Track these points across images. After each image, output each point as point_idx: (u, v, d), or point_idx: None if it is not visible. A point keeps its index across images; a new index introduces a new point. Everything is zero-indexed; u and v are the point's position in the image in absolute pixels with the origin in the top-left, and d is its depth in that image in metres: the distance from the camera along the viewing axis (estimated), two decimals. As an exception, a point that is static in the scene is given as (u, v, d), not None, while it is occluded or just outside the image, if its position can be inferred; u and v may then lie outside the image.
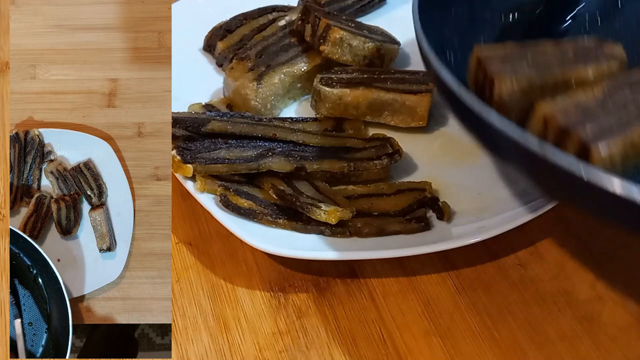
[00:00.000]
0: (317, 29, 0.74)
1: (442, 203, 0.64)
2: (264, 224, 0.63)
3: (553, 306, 0.60)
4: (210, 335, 0.59)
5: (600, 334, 0.58)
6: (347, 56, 0.74)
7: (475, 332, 0.59)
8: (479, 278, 0.62)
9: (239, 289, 0.62)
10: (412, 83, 0.71)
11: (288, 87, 0.74)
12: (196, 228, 0.67)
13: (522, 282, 0.62)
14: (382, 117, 0.71)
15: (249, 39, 0.79)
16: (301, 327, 0.60)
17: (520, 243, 0.64)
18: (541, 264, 0.63)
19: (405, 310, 0.60)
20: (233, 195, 0.63)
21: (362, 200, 0.65)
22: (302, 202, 0.62)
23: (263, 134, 0.68)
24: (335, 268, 0.63)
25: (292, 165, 0.65)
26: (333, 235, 0.62)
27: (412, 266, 0.63)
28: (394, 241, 0.62)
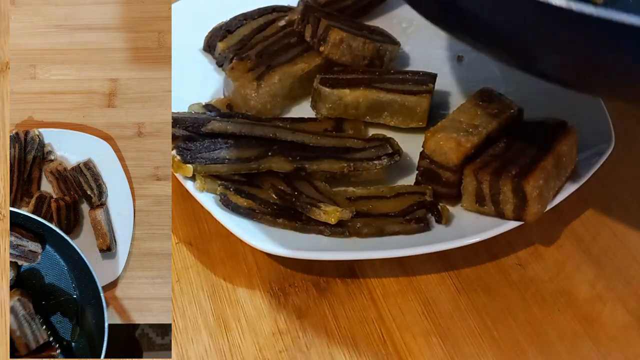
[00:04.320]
0: (317, 30, 0.74)
1: (442, 207, 0.64)
2: (264, 224, 0.63)
3: (553, 306, 0.60)
4: (210, 335, 0.59)
5: (600, 334, 0.58)
6: (347, 57, 0.74)
7: (475, 332, 0.59)
8: (479, 278, 0.62)
9: (239, 289, 0.62)
10: (412, 83, 0.71)
11: (288, 87, 0.74)
12: (196, 228, 0.67)
13: (522, 282, 0.62)
14: (382, 117, 0.71)
15: (249, 39, 0.79)
16: (301, 327, 0.60)
17: (520, 243, 0.64)
18: (541, 264, 0.63)
19: (405, 310, 0.60)
20: (233, 195, 0.63)
21: (362, 202, 0.65)
22: (301, 202, 0.62)
23: (263, 134, 0.68)
24: (335, 268, 0.63)
25: (292, 165, 0.65)
26: (333, 235, 0.62)
27: (412, 266, 0.63)
28: (393, 241, 0.62)
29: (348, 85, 0.70)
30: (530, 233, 0.64)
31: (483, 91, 0.69)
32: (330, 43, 0.73)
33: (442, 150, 0.63)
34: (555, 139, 0.63)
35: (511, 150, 0.63)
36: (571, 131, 0.65)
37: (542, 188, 0.60)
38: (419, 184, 0.66)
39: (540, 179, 0.59)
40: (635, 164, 0.71)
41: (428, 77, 0.72)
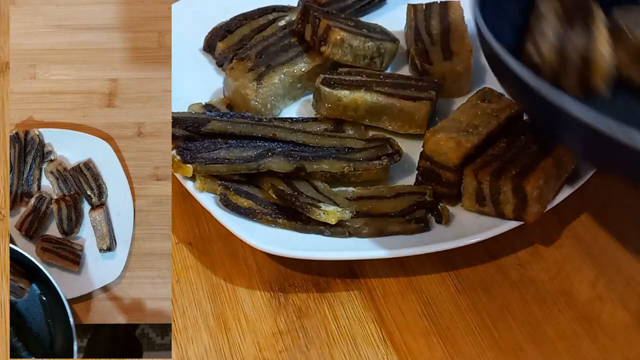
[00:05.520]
0: (317, 30, 0.74)
1: (442, 207, 0.64)
2: (264, 224, 0.63)
3: (553, 306, 0.60)
4: (210, 335, 0.59)
5: (600, 334, 0.58)
6: (348, 56, 0.74)
7: (475, 332, 0.59)
8: (479, 278, 0.62)
9: (239, 289, 0.62)
10: (415, 89, 0.71)
11: (288, 87, 0.74)
12: (196, 228, 0.67)
13: (522, 282, 0.62)
14: (381, 121, 0.71)
15: (249, 39, 0.79)
16: (301, 327, 0.60)
17: (520, 243, 0.64)
18: (541, 264, 0.63)
19: (405, 310, 0.60)
20: (233, 195, 0.63)
21: (362, 202, 0.65)
22: (301, 202, 0.62)
23: (263, 134, 0.68)
24: (335, 268, 0.63)
25: (292, 165, 0.65)
26: (333, 235, 0.62)
27: (412, 266, 0.63)
28: (394, 241, 0.62)
29: (349, 87, 0.70)
30: (530, 233, 0.64)
31: (483, 91, 0.69)
32: (331, 43, 0.73)
33: (442, 151, 0.62)
34: None
35: (511, 150, 0.63)
36: None
37: (542, 188, 0.60)
38: (419, 184, 0.66)
39: (540, 179, 0.59)
40: (635, 164, 0.71)
41: (431, 84, 0.72)
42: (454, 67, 0.74)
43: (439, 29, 0.78)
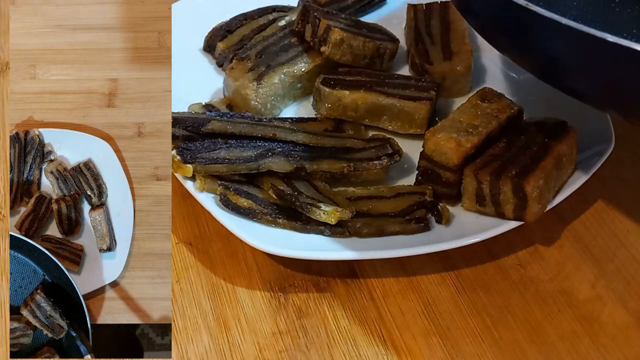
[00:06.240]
0: (317, 30, 0.74)
1: (442, 207, 0.64)
2: (264, 224, 0.63)
3: (553, 306, 0.60)
4: (210, 335, 0.59)
5: (600, 334, 0.58)
6: (348, 56, 0.74)
7: (475, 332, 0.59)
8: (479, 278, 0.62)
9: (239, 289, 0.62)
10: (414, 89, 0.71)
11: (288, 87, 0.74)
12: (196, 228, 0.67)
13: (522, 282, 0.62)
14: (381, 121, 0.71)
15: (249, 39, 0.79)
16: (301, 327, 0.60)
17: (520, 243, 0.64)
18: (541, 264, 0.63)
19: (405, 310, 0.60)
20: (233, 195, 0.63)
21: (362, 202, 0.65)
22: (301, 202, 0.62)
23: (263, 134, 0.68)
24: (335, 268, 0.63)
25: (292, 165, 0.65)
26: (333, 235, 0.62)
27: (412, 266, 0.63)
28: (394, 241, 0.62)
29: (349, 87, 0.70)
30: (530, 233, 0.64)
31: (483, 91, 0.69)
32: (331, 44, 0.73)
33: (442, 151, 0.63)
34: (555, 139, 0.63)
35: (511, 150, 0.63)
36: (571, 131, 0.65)
37: (543, 188, 0.60)
38: (419, 184, 0.66)
39: (540, 179, 0.59)
40: (635, 164, 0.71)
41: (431, 85, 0.71)
42: (454, 67, 0.74)
43: (439, 28, 0.78)
